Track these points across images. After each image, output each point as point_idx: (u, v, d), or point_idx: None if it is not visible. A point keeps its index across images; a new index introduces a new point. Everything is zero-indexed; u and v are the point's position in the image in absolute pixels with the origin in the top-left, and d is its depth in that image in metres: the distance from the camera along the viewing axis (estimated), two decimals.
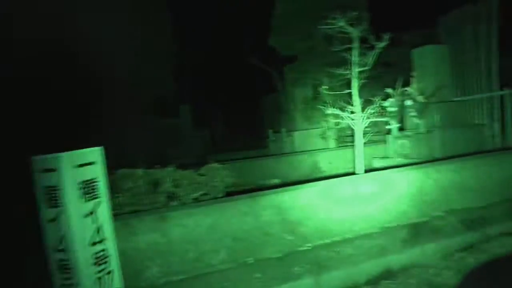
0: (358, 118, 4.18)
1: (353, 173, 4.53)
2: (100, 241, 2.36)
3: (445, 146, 6.12)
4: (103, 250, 2.34)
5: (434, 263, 3.76)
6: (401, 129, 6.87)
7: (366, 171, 4.46)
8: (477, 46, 6.66)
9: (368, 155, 7.59)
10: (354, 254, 3.39)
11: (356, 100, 4.20)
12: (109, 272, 2.34)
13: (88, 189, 2.33)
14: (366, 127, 4.22)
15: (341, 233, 3.35)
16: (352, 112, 4.14)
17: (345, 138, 10.60)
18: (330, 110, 4.21)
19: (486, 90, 6.57)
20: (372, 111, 4.12)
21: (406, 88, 6.30)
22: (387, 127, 6.79)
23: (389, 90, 6.73)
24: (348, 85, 4.39)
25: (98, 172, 2.35)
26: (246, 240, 3.03)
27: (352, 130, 4.75)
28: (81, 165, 2.28)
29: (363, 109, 4.23)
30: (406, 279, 3.52)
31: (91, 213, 2.34)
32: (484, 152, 5.15)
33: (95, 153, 2.34)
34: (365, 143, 4.19)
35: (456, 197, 3.91)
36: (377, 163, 7.07)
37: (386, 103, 6.72)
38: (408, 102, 6.17)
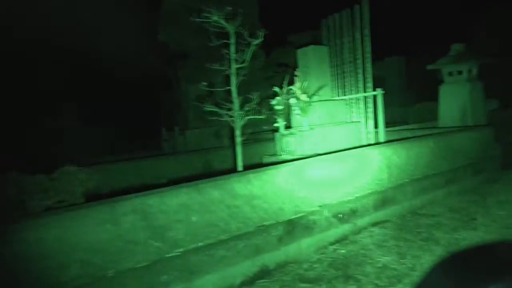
0: (236, 116, 4.09)
1: (235, 170, 4.45)
2: None
3: (326, 143, 6.41)
4: None
5: (309, 257, 3.84)
6: (288, 127, 7.04)
7: (247, 167, 4.40)
8: (354, 48, 7.12)
9: (259, 152, 7.68)
10: (228, 256, 3.27)
11: (235, 97, 4.11)
12: None
13: None
14: (243, 125, 4.16)
15: (215, 235, 3.20)
16: (229, 109, 4.04)
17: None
18: (209, 108, 4.05)
19: (362, 90, 7.06)
20: (248, 109, 4.06)
21: (291, 87, 6.46)
22: (275, 125, 6.90)
23: (276, 89, 6.85)
24: (242, 82, 4.27)
25: None
26: (105, 250, 2.70)
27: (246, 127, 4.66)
28: None
29: (243, 107, 4.16)
30: (281, 276, 3.52)
31: None
32: (359, 147, 5.46)
33: None
34: (257, 140, 4.18)
35: (328, 191, 4.04)
36: (267, 160, 7.15)
37: (273, 102, 6.82)
38: (292, 101, 6.32)
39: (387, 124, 11.54)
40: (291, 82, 6.80)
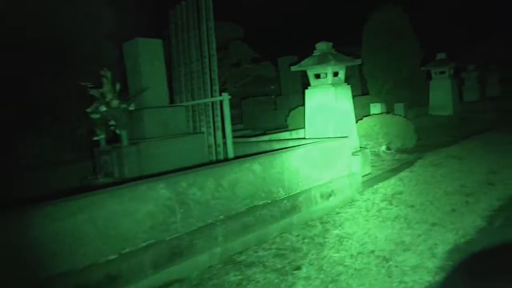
0: None
1: None
2: None
3: (155, 161, 5.09)
4: None
5: None
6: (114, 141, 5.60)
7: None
8: (201, 44, 5.88)
9: (80, 173, 6.00)
10: None
11: None
12: None
13: None
14: None
15: None
16: None
17: None
18: None
19: (210, 94, 5.83)
20: None
21: (102, 90, 5.02)
22: (95, 138, 5.41)
23: (95, 92, 5.35)
24: None
25: None
26: None
27: None
28: None
29: None
30: None
31: None
32: (200, 166, 4.12)
33: None
34: None
35: (68, 251, 2.67)
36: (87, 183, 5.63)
37: (89, 109, 5.33)
38: (102, 108, 4.89)
39: (269, 130, 10.60)
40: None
